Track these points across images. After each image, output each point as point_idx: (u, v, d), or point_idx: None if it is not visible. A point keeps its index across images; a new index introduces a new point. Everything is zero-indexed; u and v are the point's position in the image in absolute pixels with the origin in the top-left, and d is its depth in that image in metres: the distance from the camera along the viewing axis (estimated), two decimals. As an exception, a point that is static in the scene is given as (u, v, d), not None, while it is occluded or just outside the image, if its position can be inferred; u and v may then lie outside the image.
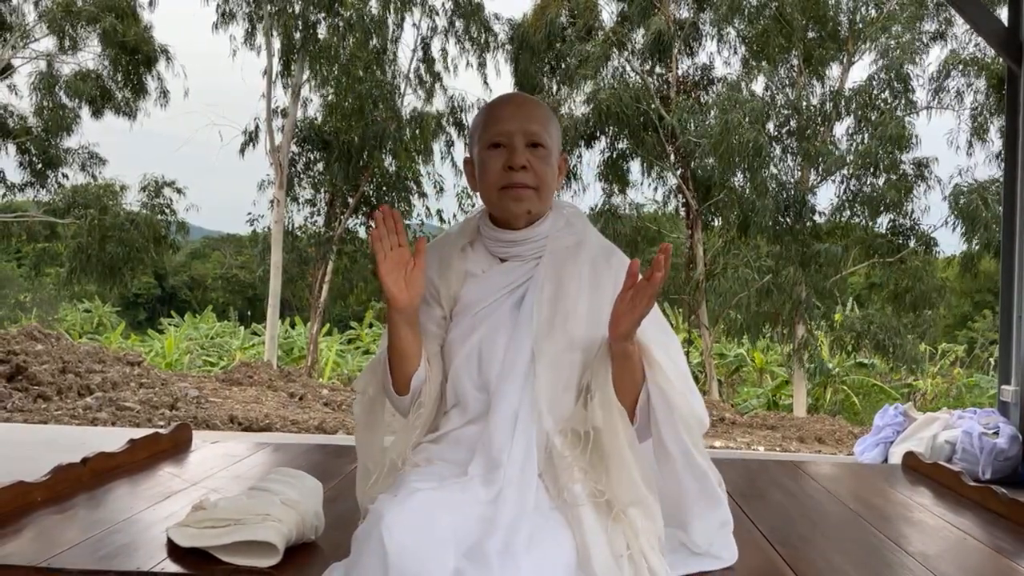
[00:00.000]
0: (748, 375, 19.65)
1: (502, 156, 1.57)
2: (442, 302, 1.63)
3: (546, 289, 1.56)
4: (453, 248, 1.66)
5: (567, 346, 1.54)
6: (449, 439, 1.55)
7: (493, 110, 1.64)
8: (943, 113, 15.04)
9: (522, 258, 1.62)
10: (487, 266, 1.65)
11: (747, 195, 14.46)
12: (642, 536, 1.41)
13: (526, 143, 1.57)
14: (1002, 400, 4.85)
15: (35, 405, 7.71)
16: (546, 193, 1.61)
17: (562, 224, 1.65)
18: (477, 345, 1.56)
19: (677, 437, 1.50)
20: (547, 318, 1.54)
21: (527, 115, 1.60)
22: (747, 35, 15.13)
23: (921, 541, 1.84)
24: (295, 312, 20.54)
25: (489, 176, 1.59)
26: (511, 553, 1.26)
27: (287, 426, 7.65)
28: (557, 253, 1.60)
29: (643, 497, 1.44)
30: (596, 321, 1.54)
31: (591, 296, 1.57)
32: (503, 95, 1.71)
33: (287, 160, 15.66)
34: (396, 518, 1.27)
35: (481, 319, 1.58)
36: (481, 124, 1.63)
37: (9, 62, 15.75)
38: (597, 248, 1.64)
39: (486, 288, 1.61)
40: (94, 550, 1.52)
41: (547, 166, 1.59)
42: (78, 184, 16.49)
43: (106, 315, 25.62)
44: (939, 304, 15.35)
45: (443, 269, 1.64)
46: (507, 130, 1.58)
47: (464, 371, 1.57)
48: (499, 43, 16.42)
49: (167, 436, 2.41)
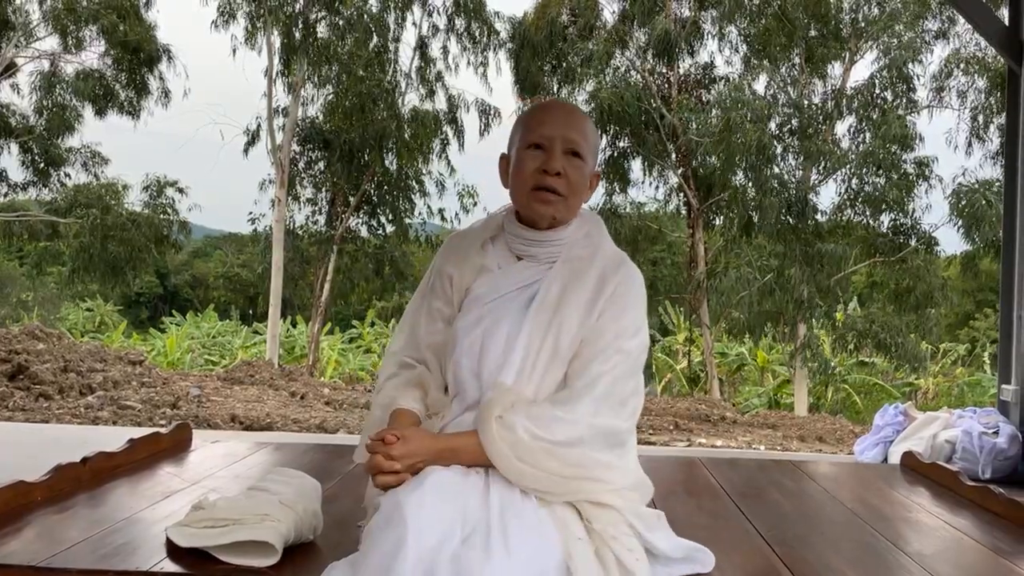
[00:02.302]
0: (750, 374, 19.66)
1: (539, 158, 1.62)
2: (452, 293, 1.69)
3: (551, 294, 1.60)
4: (474, 242, 1.73)
5: (553, 354, 1.57)
6: (450, 428, 1.59)
7: (539, 113, 1.69)
8: (943, 112, 15.04)
9: (537, 259, 1.67)
10: (504, 262, 1.70)
11: (749, 194, 14.47)
12: (608, 527, 1.45)
13: (564, 150, 1.62)
14: (1002, 399, 4.85)
15: (37, 404, 7.72)
16: (574, 202, 1.66)
17: (583, 234, 1.70)
18: (480, 336, 1.60)
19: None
20: (544, 324, 1.58)
21: (571, 124, 1.64)
22: (749, 34, 15.12)
23: (919, 541, 1.85)
24: (297, 311, 20.56)
25: (523, 175, 1.63)
26: (498, 542, 1.29)
27: (288, 425, 7.65)
28: (571, 261, 1.65)
29: (589, 494, 1.48)
30: (581, 334, 1.58)
31: (587, 309, 1.60)
32: (551, 100, 1.79)
33: (288, 159, 15.67)
34: (415, 496, 1.34)
35: (488, 311, 1.63)
36: (524, 124, 1.67)
37: (12, 61, 15.77)
38: (608, 259, 1.67)
39: (498, 283, 1.66)
40: (93, 550, 1.53)
41: (580, 176, 1.64)
42: (80, 183, 16.53)
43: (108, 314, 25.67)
44: (941, 303, 15.34)
45: (461, 261, 1.70)
46: (549, 134, 1.62)
47: (465, 359, 1.61)
48: (500, 42, 16.40)
49: (167, 436, 2.42)
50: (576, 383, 1.55)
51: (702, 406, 10.54)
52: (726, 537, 1.80)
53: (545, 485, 1.46)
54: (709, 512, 2.02)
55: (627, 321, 1.60)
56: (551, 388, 1.58)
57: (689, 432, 8.46)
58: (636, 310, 1.63)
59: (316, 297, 16.50)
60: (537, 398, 1.56)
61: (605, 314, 1.60)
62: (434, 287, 1.73)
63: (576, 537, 1.41)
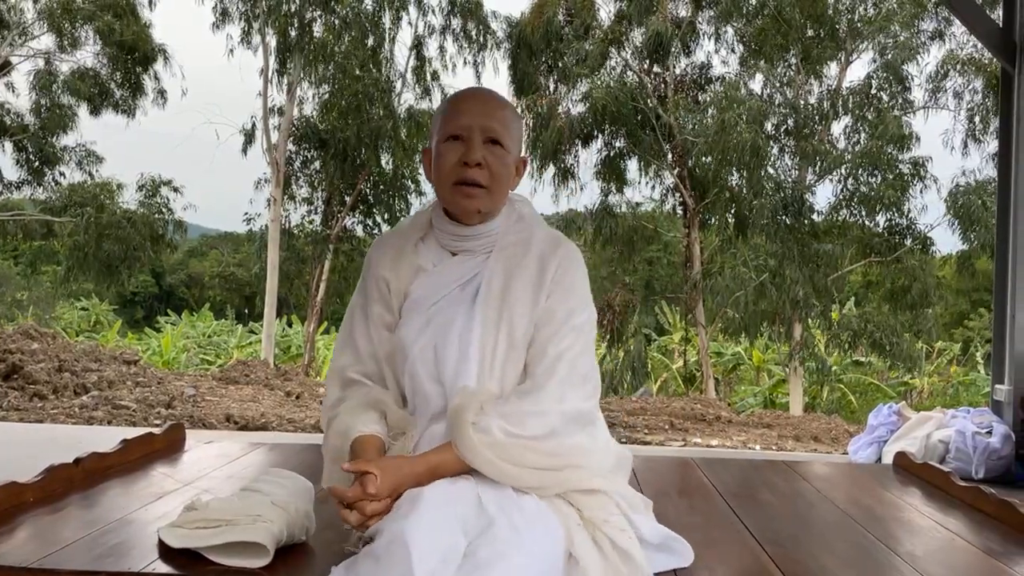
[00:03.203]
0: (746, 373, 19.70)
1: (459, 150, 1.56)
2: (391, 298, 1.64)
3: (494, 286, 1.57)
4: (406, 242, 1.67)
5: (509, 345, 1.55)
6: (422, 444, 1.55)
7: (455, 103, 1.62)
8: (939, 113, 15.08)
9: (473, 252, 1.63)
10: (438, 260, 1.65)
11: (744, 194, 14.49)
12: (598, 512, 1.45)
13: (484, 139, 1.56)
14: (995, 399, 4.87)
15: (31, 404, 7.71)
16: (499, 192, 1.60)
17: (514, 220, 1.66)
18: (432, 341, 1.56)
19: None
20: (494, 318, 1.55)
21: (488, 112, 1.58)
22: (745, 34, 15.14)
23: (910, 541, 1.85)
24: (292, 310, 20.55)
25: (443, 169, 1.58)
26: (509, 538, 1.29)
27: (283, 425, 7.65)
28: (507, 248, 1.61)
29: (578, 484, 1.48)
30: (533, 320, 1.56)
31: (534, 295, 1.57)
32: (467, 88, 1.70)
33: (284, 158, 15.66)
34: (413, 519, 1.27)
35: (433, 313, 1.59)
36: (442, 115, 1.61)
37: (7, 59, 15.74)
38: (544, 241, 1.64)
39: (437, 283, 1.62)
40: (86, 551, 1.53)
41: (503, 165, 1.58)
42: (75, 182, 16.50)
43: (103, 313, 25.63)
44: (936, 302, 15.39)
45: (395, 263, 1.65)
46: (466, 124, 1.56)
47: (421, 367, 1.56)
48: (496, 41, 16.41)
49: (160, 436, 2.41)
50: (536, 370, 1.53)
51: (697, 406, 10.54)
52: (718, 537, 1.80)
53: (532, 481, 1.45)
54: (701, 512, 2.02)
55: (574, 300, 1.58)
56: (514, 379, 1.55)
57: (684, 432, 8.47)
58: (581, 287, 1.61)
59: (312, 296, 16.49)
60: (503, 392, 1.53)
61: (552, 296, 1.57)
62: (371, 294, 1.66)
63: (576, 523, 1.42)
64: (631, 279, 17.23)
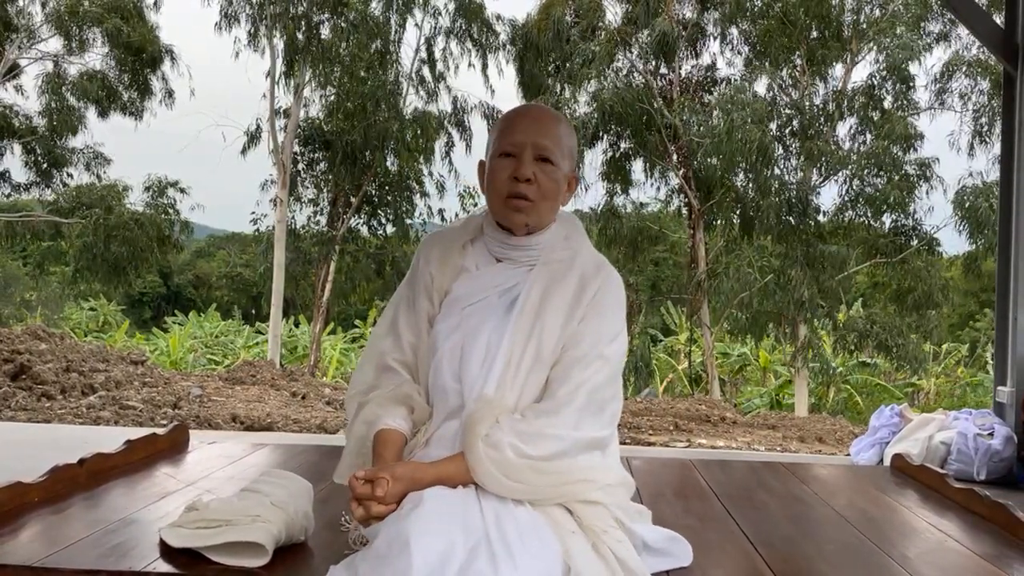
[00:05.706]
0: (751, 374, 19.65)
1: (510, 166, 1.62)
2: (434, 294, 1.69)
3: (532, 299, 1.60)
4: (455, 243, 1.72)
5: (536, 358, 1.57)
6: (434, 440, 1.59)
7: (510, 120, 1.68)
8: (944, 114, 15.04)
9: (516, 262, 1.67)
10: (482, 264, 1.70)
11: (750, 195, 14.48)
12: (596, 522, 1.47)
13: (535, 156, 1.62)
14: (997, 401, 4.87)
15: (39, 404, 7.76)
16: (548, 208, 1.65)
17: (561, 237, 1.70)
18: (461, 340, 1.60)
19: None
20: (525, 330, 1.58)
21: (541, 129, 1.64)
22: (750, 35, 15.13)
23: (903, 543, 1.86)
24: (299, 311, 20.60)
25: (496, 183, 1.64)
26: (501, 550, 1.30)
27: (289, 425, 7.68)
28: (550, 264, 1.65)
29: (577, 494, 1.50)
30: (563, 338, 1.58)
31: (569, 313, 1.60)
32: (523, 106, 1.77)
33: (290, 160, 15.71)
34: (415, 519, 1.30)
35: (468, 315, 1.63)
36: (497, 132, 1.67)
37: (15, 62, 15.83)
38: (588, 263, 1.68)
39: (477, 285, 1.66)
40: (89, 550, 1.55)
41: (553, 182, 1.63)
42: (83, 184, 16.58)
43: (111, 314, 25.73)
44: (942, 304, 15.34)
45: (442, 261, 1.70)
46: (519, 141, 1.62)
47: (447, 363, 1.60)
48: (500, 43, 16.43)
49: (164, 436, 2.44)
50: (558, 391, 1.55)
51: (702, 406, 10.54)
52: (712, 539, 1.82)
53: (534, 496, 1.47)
54: (697, 514, 2.04)
55: (607, 327, 1.61)
56: (533, 393, 1.57)
57: (689, 432, 8.48)
58: (616, 315, 1.64)
59: (318, 297, 16.53)
60: (519, 405, 1.55)
61: (586, 319, 1.60)
62: (418, 288, 1.71)
63: (570, 531, 1.43)
64: (636, 280, 17.23)
